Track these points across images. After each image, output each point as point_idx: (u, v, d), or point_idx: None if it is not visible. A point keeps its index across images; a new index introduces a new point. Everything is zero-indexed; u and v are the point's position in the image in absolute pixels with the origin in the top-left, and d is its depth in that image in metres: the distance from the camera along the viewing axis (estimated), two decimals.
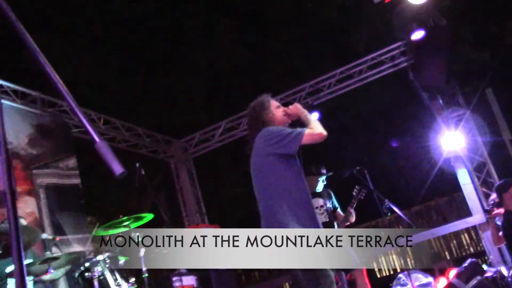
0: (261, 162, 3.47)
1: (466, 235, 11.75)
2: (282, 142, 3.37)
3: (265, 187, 3.44)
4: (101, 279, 4.36)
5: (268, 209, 3.39)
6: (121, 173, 1.21)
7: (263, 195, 3.44)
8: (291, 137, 3.36)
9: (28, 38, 1.26)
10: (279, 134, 3.41)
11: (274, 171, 3.39)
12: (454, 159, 8.36)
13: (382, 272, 12.53)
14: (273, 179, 3.39)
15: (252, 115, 3.68)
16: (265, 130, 3.50)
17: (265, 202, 3.43)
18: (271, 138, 3.42)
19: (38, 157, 6.74)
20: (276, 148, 3.38)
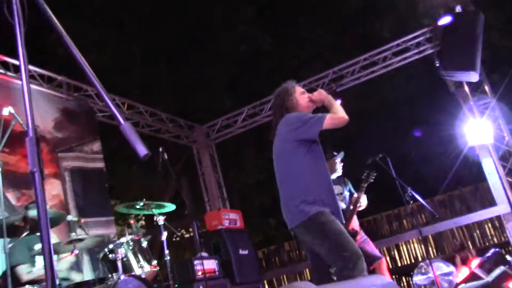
0: (283, 147, 3.50)
1: (490, 225, 11.58)
2: (304, 127, 3.39)
3: (287, 172, 3.47)
4: (124, 261, 4.44)
5: (289, 193, 3.42)
6: (145, 155, 1.22)
7: (284, 179, 3.48)
8: (313, 122, 3.38)
9: (56, 23, 1.28)
10: (301, 119, 3.43)
11: (295, 156, 3.42)
12: (479, 148, 8.23)
13: (403, 260, 12.46)
14: (294, 164, 3.42)
15: (277, 101, 3.71)
16: (287, 116, 3.52)
17: (285, 186, 3.46)
18: (293, 123, 3.44)
19: (63, 140, 6.86)
20: (299, 134, 3.40)
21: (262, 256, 13.57)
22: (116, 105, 7.32)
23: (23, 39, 1.18)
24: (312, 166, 3.41)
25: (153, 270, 4.63)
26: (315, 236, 3.28)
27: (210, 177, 10.12)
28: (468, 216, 9.86)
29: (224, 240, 7.35)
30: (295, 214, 3.35)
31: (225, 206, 9.97)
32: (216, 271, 6.55)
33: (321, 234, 3.24)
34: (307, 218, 3.26)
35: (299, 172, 3.39)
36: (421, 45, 8.65)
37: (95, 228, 6.63)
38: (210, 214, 8.41)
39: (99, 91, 1.21)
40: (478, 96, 8.32)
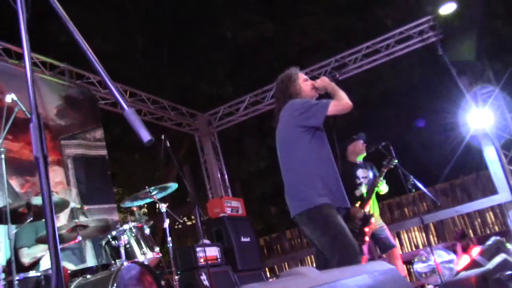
0: (287, 134, 3.49)
1: (491, 214, 11.59)
2: (308, 113, 3.38)
3: (291, 159, 3.46)
4: (127, 247, 4.47)
5: (293, 180, 3.42)
6: (149, 140, 1.23)
7: (289, 166, 3.47)
8: (317, 109, 3.37)
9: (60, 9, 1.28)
10: (304, 106, 3.42)
11: (299, 143, 3.41)
12: (482, 136, 8.23)
13: (404, 248, 12.51)
14: (299, 151, 3.41)
15: (280, 87, 3.69)
16: (291, 102, 3.51)
17: (290, 173, 3.46)
18: (296, 109, 3.43)
19: (66, 128, 6.87)
20: (302, 120, 3.39)
21: (264, 244, 13.62)
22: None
23: (26, 26, 1.19)
24: (317, 153, 3.40)
25: (156, 256, 4.67)
26: (316, 226, 3.28)
27: (212, 165, 10.14)
28: (469, 204, 9.89)
29: (226, 227, 7.39)
30: (299, 201, 3.35)
31: (227, 194, 10.01)
32: (218, 258, 6.59)
33: (322, 226, 3.24)
34: (312, 207, 3.26)
35: (304, 159, 3.38)
36: (424, 33, 8.61)
37: (97, 215, 6.66)
38: (212, 201, 8.44)
39: (103, 77, 1.21)
40: (481, 85, 8.30)
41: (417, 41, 8.68)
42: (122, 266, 3.97)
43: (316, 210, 3.26)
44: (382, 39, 8.84)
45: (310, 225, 3.32)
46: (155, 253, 4.66)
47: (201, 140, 10.35)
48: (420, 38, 8.63)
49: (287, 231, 13.61)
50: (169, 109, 9.51)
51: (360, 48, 8.96)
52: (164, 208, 5.15)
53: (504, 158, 8.07)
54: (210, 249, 6.52)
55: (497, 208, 11.04)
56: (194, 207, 5.67)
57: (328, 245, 3.23)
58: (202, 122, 10.27)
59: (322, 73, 9.16)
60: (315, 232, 3.31)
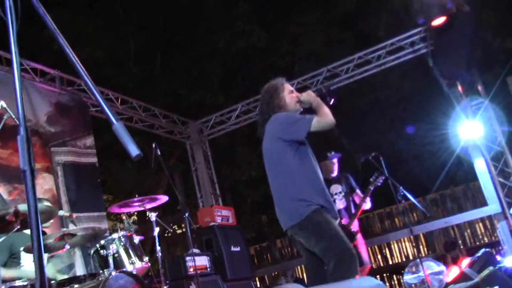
0: (272, 147, 3.51)
1: (481, 225, 11.67)
2: (291, 128, 3.40)
3: (278, 172, 3.48)
4: (116, 256, 4.43)
5: (282, 193, 3.43)
6: (137, 155, 1.22)
7: (276, 179, 3.49)
8: (300, 124, 3.40)
9: (49, 20, 1.28)
10: (288, 120, 3.44)
11: (284, 156, 3.43)
12: (472, 147, 8.28)
13: (394, 259, 12.54)
14: (284, 164, 3.43)
15: (265, 98, 3.70)
16: (275, 116, 3.52)
17: (278, 186, 3.47)
18: (280, 124, 3.46)
19: (56, 134, 6.83)
20: (286, 134, 3.41)
21: (254, 253, 13.61)
22: (109, 100, 7.29)
23: (16, 37, 1.18)
24: (302, 166, 3.41)
25: (145, 266, 4.63)
26: (310, 235, 3.30)
27: (203, 173, 10.12)
28: (459, 215, 9.94)
29: (216, 236, 7.36)
30: (289, 213, 3.36)
31: (217, 203, 9.98)
32: (207, 268, 6.56)
33: (316, 234, 3.26)
34: (303, 218, 3.27)
35: (290, 172, 3.40)
36: (415, 44, 8.67)
37: (87, 223, 6.61)
38: (202, 210, 8.41)
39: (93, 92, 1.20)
40: (471, 96, 8.36)
41: (408, 52, 8.73)
42: (110, 275, 3.93)
43: (306, 220, 3.27)
44: (374, 50, 8.89)
45: (303, 235, 3.34)
46: (144, 262, 4.63)
47: (192, 148, 10.33)
48: (412, 49, 8.69)
49: (277, 240, 13.61)
50: (160, 116, 9.48)
51: (352, 59, 9.00)
52: (154, 216, 5.13)
53: (493, 170, 8.12)
54: (200, 258, 6.49)
55: (487, 220, 11.11)
56: (184, 216, 5.64)
57: (324, 252, 3.24)
58: (193, 130, 10.25)
59: (314, 82, 9.19)
60: (310, 241, 3.32)
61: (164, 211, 11.94)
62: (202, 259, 6.53)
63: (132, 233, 4.75)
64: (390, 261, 12.51)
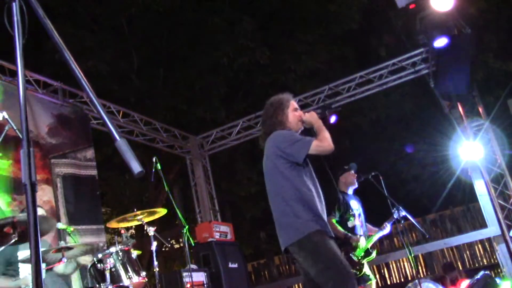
0: (272, 164, 3.51)
1: (480, 246, 11.61)
2: (290, 149, 3.41)
3: (277, 189, 3.48)
4: (113, 271, 4.40)
5: (281, 211, 3.42)
6: (139, 172, 1.23)
7: (276, 196, 3.48)
8: (300, 145, 3.41)
9: (54, 34, 1.29)
10: (287, 140, 3.45)
11: (284, 173, 3.43)
12: (472, 169, 8.28)
13: (393, 279, 12.45)
14: (284, 182, 3.42)
15: (269, 110, 3.69)
16: (276, 133, 3.53)
17: (277, 204, 3.46)
18: (281, 141, 3.46)
19: (57, 146, 6.83)
20: (285, 154, 3.42)
21: (252, 270, 13.51)
22: (110, 113, 7.30)
23: (22, 52, 1.19)
24: (301, 184, 3.40)
25: (142, 281, 4.60)
26: (307, 255, 3.27)
27: (202, 188, 10.10)
28: (458, 237, 9.91)
29: (214, 252, 7.33)
30: (289, 231, 3.34)
31: (216, 218, 9.94)
32: (204, 284, 6.52)
33: (313, 255, 3.24)
34: (302, 237, 3.25)
35: (290, 190, 3.38)
36: (417, 65, 8.72)
37: (85, 236, 6.58)
38: (201, 226, 8.38)
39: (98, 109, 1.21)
40: (472, 118, 8.38)
41: (410, 72, 8.78)
42: None
43: (306, 239, 3.25)
44: (376, 69, 8.94)
45: (302, 254, 3.30)
46: (141, 277, 4.60)
47: (192, 163, 10.32)
48: (413, 70, 8.74)
49: (275, 257, 13.53)
50: (161, 130, 9.50)
51: (354, 77, 9.04)
52: (152, 231, 5.11)
53: (493, 192, 8.11)
54: (197, 274, 6.46)
55: (486, 242, 11.06)
56: (182, 231, 5.61)
57: (321, 272, 3.21)
58: (194, 145, 10.26)
59: (316, 100, 9.22)
60: (307, 261, 3.29)
61: (162, 226, 11.89)
62: (199, 275, 6.50)
63: (130, 248, 4.73)
64: (389, 281, 12.42)
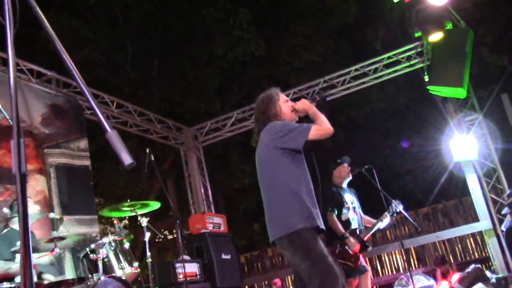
0: (267, 156, 3.47)
1: (472, 240, 11.68)
2: (288, 136, 3.36)
3: (271, 181, 3.44)
4: (106, 261, 4.41)
5: (272, 203, 3.40)
6: (130, 164, 1.22)
7: (268, 188, 3.45)
8: (297, 132, 3.37)
9: (46, 24, 1.28)
10: (285, 129, 3.40)
11: (279, 165, 3.38)
12: (465, 163, 8.32)
13: (385, 271, 12.52)
14: (279, 173, 3.38)
15: (260, 108, 3.66)
16: (271, 124, 3.49)
17: (270, 196, 3.43)
18: (276, 132, 3.41)
19: (50, 136, 6.80)
20: (282, 142, 3.37)
21: (245, 261, 13.54)
22: (104, 103, 7.26)
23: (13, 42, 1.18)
24: (296, 175, 3.38)
25: (134, 271, 4.61)
26: (296, 251, 3.24)
27: (196, 180, 10.10)
28: (450, 230, 9.96)
29: (207, 244, 7.34)
30: (279, 225, 3.31)
31: (210, 210, 9.95)
32: (197, 275, 6.53)
33: (302, 251, 3.21)
34: (292, 231, 3.22)
35: (284, 181, 3.35)
36: (411, 58, 8.73)
37: (78, 226, 6.58)
38: (194, 217, 8.39)
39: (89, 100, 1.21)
40: (465, 112, 8.41)
41: (405, 66, 8.79)
42: (99, 280, 3.92)
43: (296, 234, 3.21)
44: (371, 63, 8.94)
45: (291, 249, 3.27)
46: (133, 267, 4.61)
47: (186, 154, 10.31)
48: (408, 64, 8.75)
49: (268, 249, 13.55)
50: (155, 121, 9.47)
51: (349, 71, 9.04)
52: (145, 222, 5.11)
53: (486, 186, 8.16)
54: (190, 265, 6.46)
55: (478, 235, 11.13)
56: (175, 222, 5.62)
57: (309, 270, 3.19)
58: (188, 136, 10.24)
59: (310, 93, 9.21)
60: (296, 257, 3.26)
61: (155, 217, 11.89)
62: (192, 266, 6.51)
63: (123, 238, 4.74)
64: (381, 274, 12.49)
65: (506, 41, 11.68)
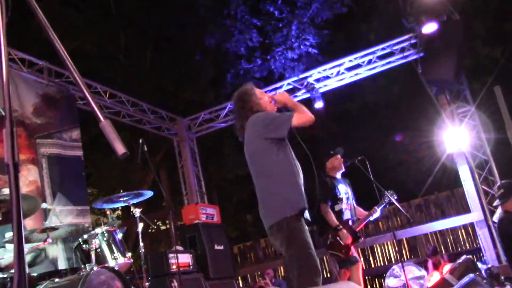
0: (254, 146, 3.53)
1: (463, 231, 11.78)
2: (272, 125, 3.41)
3: (261, 171, 3.50)
4: (98, 251, 4.41)
5: (262, 192, 3.45)
6: (123, 153, 1.22)
7: (259, 178, 3.50)
8: (280, 120, 3.42)
9: (38, 12, 1.26)
10: (268, 118, 3.47)
11: (266, 154, 3.44)
12: (457, 155, 8.35)
13: (377, 262, 12.61)
14: (266, 162, 3.44)
15: (239, 103, 3.70)
16: (254, 116, 3.53)
17: (261, 185, 3.48)
18: (260, 122, 3.47)
19: (42, 126, 6.76)
20: (267, 132, 3.42)
21: (238, 252, 13.59)
22: (97, 93, 7.22)
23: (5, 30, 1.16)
24: (284, 164, 3.42)
25: (127, 262, 4.61)
26: (283, 239, 3.29)
27: (189, 171, 10.09)
28: (442, 221, 10.02)
29: (200, 234, 7.34)
30: (272, 211, 3.36)
31: (203, 200, 9.96)
32: (190, 265, 6.54)
33: (288, 239, 3.26)
34: (282, 218, 3.27)
35: (273, 171, 3.41)
36: (405, 50, 8.73)
37: (70, 216, 6.56)
38: (187, 208, 8.38)
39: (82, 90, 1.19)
40: (457, 104, 8.43)
41: (399, 57, 8.79)
42: (91, 270, 3.91)
43: (284, 221, 3.27)
44: (364, 54, 8.93)
45: (279, 237, 3.33)
46: (126, 258, 4.61)
47: (180, 145, 10.30)
48: (402, 55, 8.75)
49: (261, 240, 13.60)
50: (148, 112, 9.44)
51: (342, 62, 9.03)
52: (138, 212, 5.10)
53: (477, 178, 8.20)
54: (183, 255, 6.47)
55: (469, 226, 11.22)
56: (168, 213, 5.62)
57: (290, 260, 3.26)
58: (181, 127, 10.22)
59: (304, 83, 9.21)
60: (283, 244, 3.32)
61: (148, 207, 11.88)
62: (185, 256, 6.51)
63: (116, 229, 4.73)
64: (373, 265, 12.58)
65: (499, 34, 11.70)
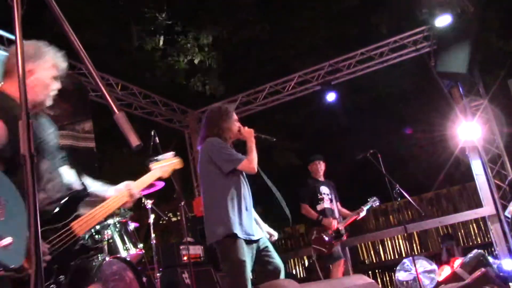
0: (203, 166, 3.84)
1: (475, 226, 11.72)
2: (223, 158, 3.73)
3: (207, 192, 3.84)
4: (110, 242, 4.45)
5: (206, 210, 3.81)
6: (137, 145, 1.24)
7: (205, 198, 3.85)
8: (231, 158, 3.74)
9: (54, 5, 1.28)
10: (223, 150, 3.76)
11: (211, 176, 3.76)
12: (470, 149, 8.29)
13: (387, 255, 12.59)
14: (212, 186, 3.76)
15: (213, 117, 3.93)
16: (211, 140, 3.80)
17: (205, 205, 3.84)
18: (216, 150, 3.76)
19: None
20: (216, 159, 3.74)
21: None
22: (109, 85, 7.26)
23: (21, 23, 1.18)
24: (226, 187, 3.70)
25: (139, 253, 4.65)
26: (221, 256, 3.65)
27: None
28: (454, 215, 9.98)
29: None
30: (211, 232, 3.70)
31: None
32: (201, 257, 6.58)
33: (224, 257, 3.61)
34: (219, 239, 3.59)
35: (216, 195, 3.71)
36: (418, 43, 8.66)
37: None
38: (198, 199, 8.42)
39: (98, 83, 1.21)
40: (471, 98, 8.36)
41: (411, 50, 8.73)
42: (103, 261, 3.95)
43: (221, 243, 3.60)
44: (377, 47, 8.88)
45: (220, 252, 3.68)
46: (138, 249, 4.65)
47: (191, 137, 10.33)
48: (414, 48, 8.68)
49: None
50: (160, 104, 9.47)
51: (354, 54, 8.99)
52: (150, 204, 5.14)
53: (490, 172, 8.14)
54: (194, 247, 6.51)
55: (481, 220, 11.16)
56: (180, 204, 5.66)
57: (226, 275, 3.70)
58: (192, 119, 10.24)
59: (316, 76, 9.19)
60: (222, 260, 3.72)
61: (159, 199, 11.94)
62: (196, 248, 6.55)
63: (127, 220, 4.77)
64: (383, 258, 12.57)
65: None
